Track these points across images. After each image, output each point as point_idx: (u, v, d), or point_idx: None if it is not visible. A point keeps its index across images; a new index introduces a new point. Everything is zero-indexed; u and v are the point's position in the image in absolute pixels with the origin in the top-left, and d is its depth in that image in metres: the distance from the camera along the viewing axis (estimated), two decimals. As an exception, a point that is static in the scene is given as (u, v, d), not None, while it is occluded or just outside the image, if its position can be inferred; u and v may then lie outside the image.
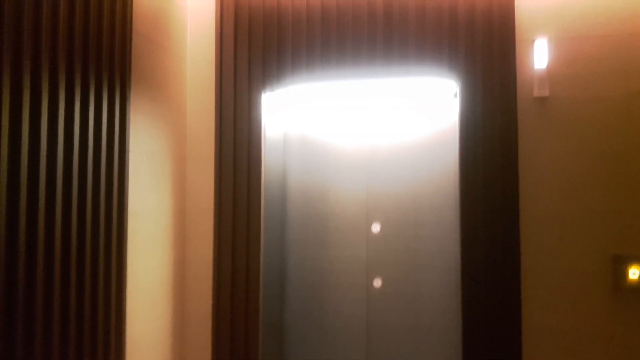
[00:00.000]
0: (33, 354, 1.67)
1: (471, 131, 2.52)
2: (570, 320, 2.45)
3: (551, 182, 2.50)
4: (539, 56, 2.51)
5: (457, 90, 2.61)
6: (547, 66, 2.51)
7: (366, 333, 2.82)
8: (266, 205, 2.75)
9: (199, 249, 2.79)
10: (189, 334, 2.78)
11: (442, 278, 2.73)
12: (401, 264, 2.79)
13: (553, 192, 2.50)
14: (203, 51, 2.85)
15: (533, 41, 2.53)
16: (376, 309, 2.81)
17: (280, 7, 2.73)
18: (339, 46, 2.65)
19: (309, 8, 2.69)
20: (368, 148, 2.87)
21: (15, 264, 1.62)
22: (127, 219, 2.19)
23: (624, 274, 2.40)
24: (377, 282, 2.81)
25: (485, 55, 2.53)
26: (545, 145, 2.51)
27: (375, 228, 2.82)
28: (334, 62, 2.66)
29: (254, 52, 2.75)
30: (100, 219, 2.00)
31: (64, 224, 1.82)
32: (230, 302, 2.68)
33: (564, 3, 2.53)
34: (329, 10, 2.67)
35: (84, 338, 1.90)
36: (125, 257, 2.18)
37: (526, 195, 2.50)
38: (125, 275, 2.17)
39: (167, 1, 2.65)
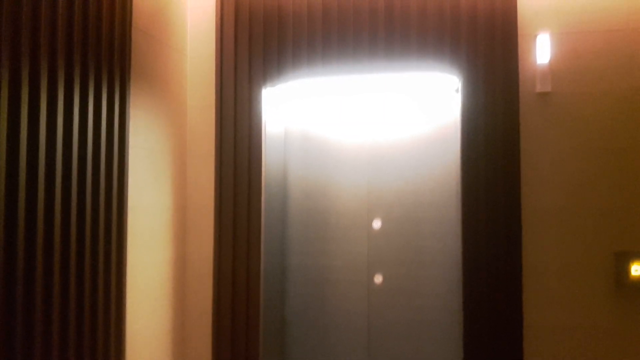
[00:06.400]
0: (33, 350, 1.66)
1: (473, 127, 2.50)
2: (572, 317, 2.45)
3: (553, 179, 2.49)
4: (541, 51, 2.49)
5: (458, 85, 2.59)
6: (550, 61, 2.50)
7: (367, 329, 2.81)
8: (267, 201, 2.74)
9: (199, 245, 2.78)
10: (189, 331, 2.78)
11: (444, 274, 2.72)
12: (402, 260, 2.78)
13: (555, 188, 2.48)
14: (203, 46, 2.83)
15: (535, 36, 2.52)
16: (377, 306, 2.80)
17: (281, 1, 2.71)
18: (340, 41, 2.64)
19: (310, 2, 2.67)
20: (369, 144, 2.85)
21: (14, 261, 1.61)
22: (126, 215, 2.18)
23: (627, 271, 2.39)
24: (378, 279, 2.80)
25: (487, 51, 2.51)
26: (548, 142, 2.50)
27: (377, 224, 2.81)
28: (335, 57, 2.64)
29: (254, 47, 2.73)
30: (99, 215, 1.99)
31: (63, 220, 1.81)
32: (231, 299, 2.68)
33: (567, -2, 2.52)
34: (330, 4, 2.65)
35: (83, 335, 1.89)
36: (125, 253, 2.16)
37: (528, 192, 2.49)
38: (125, 271, 2.16)
39: (166, -4, 2.64)
